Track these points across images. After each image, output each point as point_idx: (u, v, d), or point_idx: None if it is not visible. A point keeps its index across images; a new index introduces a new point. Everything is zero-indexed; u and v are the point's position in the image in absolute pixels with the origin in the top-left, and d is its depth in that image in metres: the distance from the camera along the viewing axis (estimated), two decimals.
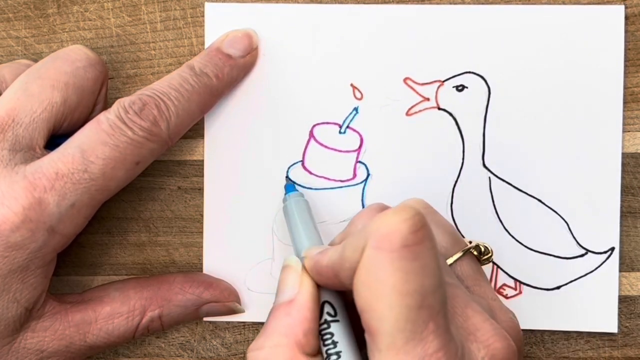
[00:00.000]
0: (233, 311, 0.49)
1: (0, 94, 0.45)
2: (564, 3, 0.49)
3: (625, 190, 0.49)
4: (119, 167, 0.43)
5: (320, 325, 0.40)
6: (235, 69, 0.48)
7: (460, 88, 0.49)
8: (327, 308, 0.41)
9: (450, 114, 0.49)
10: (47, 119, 0.44)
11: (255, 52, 0.49)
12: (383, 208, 0.43)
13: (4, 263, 0.42)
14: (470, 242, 0.44)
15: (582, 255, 0.49)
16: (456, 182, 0.49)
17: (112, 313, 0.46)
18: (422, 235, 0.36)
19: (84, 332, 0.46)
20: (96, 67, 0.45)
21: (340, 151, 0.50)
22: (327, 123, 0.50)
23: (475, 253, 0.44)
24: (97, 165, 0.42)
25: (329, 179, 0.50)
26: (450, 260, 0.42)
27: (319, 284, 0.41)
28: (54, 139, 0.45)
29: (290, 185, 0.49)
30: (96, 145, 0.43)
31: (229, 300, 0.49)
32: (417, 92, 0.49)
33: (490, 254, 0.44)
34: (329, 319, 0.40)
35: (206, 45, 0.49)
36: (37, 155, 0.43)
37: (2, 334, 0.43)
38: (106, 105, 0.47)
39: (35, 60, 0.47)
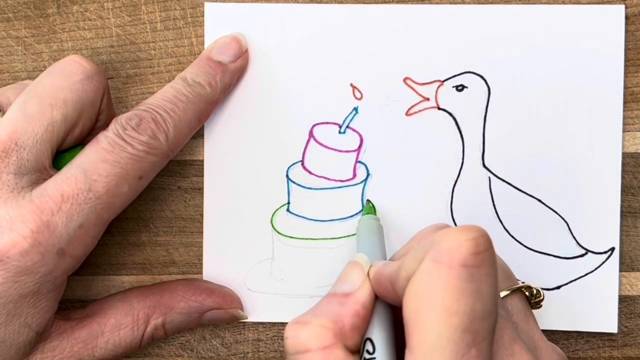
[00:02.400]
0: (236, 318, 0.49)
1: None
2: (564, 3, 0.49)
3: (625, 190, 0.49)
4: (122, 183, 0.43)
5: None
6: (228, 74, 0.48)
7: (460, 88, 0.49)
8: (367, 346, 0.40)
9: (450, 114, 0.49)
10: (50, 139, 0.43)
11: (245, 55, 0.49)
12: (445, 225, 0.42)
13: (15, 288, 0.41)
14: (523, 282, 0.43)
15: (582, 256, 0.49)
16: (456, 182, 0.49)
17: (118, 324, 0.46)
18: (483, 258, 0.35)
19: (92, 347, 0.46)
20: (94, 78, 0.45)
21: (340, 151, 0.50)
22: (327, 123, 0.50)
23: (526, 294, 0.43)
24: (100, 183, 0.42)
25: (329, 179, 0.50)
26: (502, 294, 0.42)
27: (377, 295, 0.40)
28: (60, 153, 0.45)
29: (371, 207, 0.49)
30: (97, 164, 0.42)
31: (232, 307, 0.49)
32: (417, 92, 0.49)
33: (541, 298, 0.43)
34: (367, 356, 0.39)
35: (206, 45, 0.49)
36: (45, 176, 0.43)
37: (12, 359, 0.43)
38: (112, 113, 0.47)
39: (35, 61, 0.47)
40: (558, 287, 0.49)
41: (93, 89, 0.45)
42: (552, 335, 0.50)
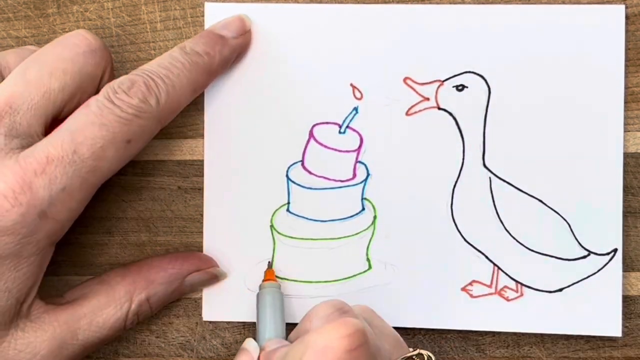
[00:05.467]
0: (216, 277, 0.49)
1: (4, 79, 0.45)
2: (564, 3, 0.49)
3: (626, 190, 0.49)
4: (108, 146, 0.43)
5: None
6: (227, 48, 0.48)
7: (460, 88, 0.49)
8: None
9: (450, 114, 0.49)
10: (45, 106, 0.44)
11: (248, 35, 0.49)
12: (340, 307, 0.43)
13: None
14: (413, 350, 0.43)
15: (584, 257, 0.49)
16: (456, 182, 0.49)
17: (100, 305, 0.46)
18: (358, 354, 0.36)
19: (74, 329, 0.45)
20: (97, 53, 0.45)
21: (340, 151, 0.50)
22: (327, 123, 0.50)
23: None
24: (86, 145, 0.42)
25: (328, 179, 0.50)
26: None
27: None
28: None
29: (272, 272, 0.49)
30: (84, 126, 0.43)
31: (209, 266, 0.49)
32: (417, 92, 0.49)
33: None
34: None
35: None
36: (36, 142, 0.43)
37: None
38: None
39: None
40: (560, 290, 0.49)
41: (94, 63, 0.45)
42: (553, 335, 0.50)
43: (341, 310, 0.42)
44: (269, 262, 0.50)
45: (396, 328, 0.49)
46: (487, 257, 0.49)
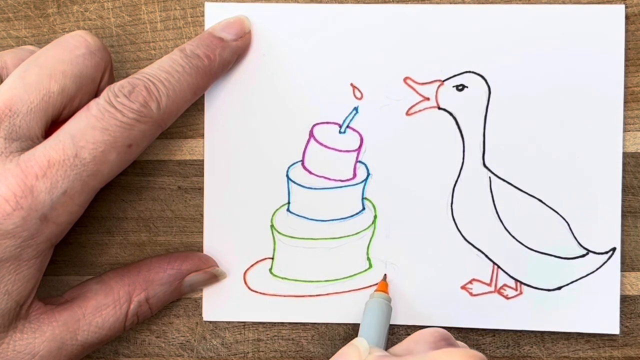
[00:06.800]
0: (215, 277, 0.50)
1: (2, 81, 0.45)
2: (564, 3, 0.49)
3: (626, 189, 0.49)
4: (109, 151, 0.43)
5: None
6: (227, 51, 0.48)
7: (461, 88, 0.49)
8: None
9: (451, 114, 0.49)
10: (45, 108, 0.43)
11: (247, 37, 0.49)
12: (447, 338, 0.43)
13: None
14: None
15: (583, 256, 0.49)
16: (456, 182, 0.49)
17: (99, 306, 0.46)
18: None
19: (73, 330, 0.45)
20: (96, 55, 0.45)
21: (340, 151, 0.50)
22: (327, 123, 0.50)
23: None
24: (87, 149, 0.42)
25: (329, 178, 0.50)
26: None
27: None
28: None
29: (385, 285, 0.49)
30: (86, 130, 0.43)
31: (209, 266, 0.49)
32: (417, 92, 0.49)
33: None
34: None
35: None
36: (36, 145, 0.43)
37: None
38: None
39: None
40: (559, 288, 0.49)
41: (94, 65, 0.45)
42: (553, 335, 0.50)
43: (448, 340, 0.42)
44: (385, 274, 0.50)
45: (396, 326, 0.50)
46: (486, 256, 0.50)
